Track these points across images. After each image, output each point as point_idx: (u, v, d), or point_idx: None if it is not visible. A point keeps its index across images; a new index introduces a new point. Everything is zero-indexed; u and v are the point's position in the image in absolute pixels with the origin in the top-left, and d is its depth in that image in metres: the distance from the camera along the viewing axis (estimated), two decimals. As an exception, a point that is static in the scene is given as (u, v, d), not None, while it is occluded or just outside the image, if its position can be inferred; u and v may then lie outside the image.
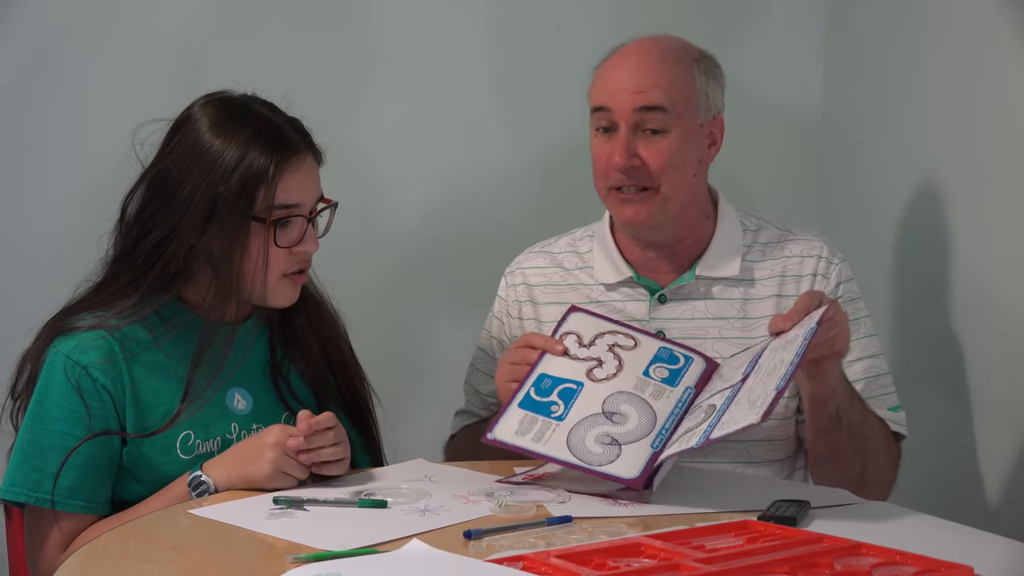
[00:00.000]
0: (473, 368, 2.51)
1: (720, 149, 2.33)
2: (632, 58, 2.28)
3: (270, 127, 2.16)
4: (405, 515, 1.92)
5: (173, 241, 2.13)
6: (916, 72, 2.68)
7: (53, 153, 2.83)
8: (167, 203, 2.14)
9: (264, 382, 2.26)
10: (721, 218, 2.35)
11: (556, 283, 2.41)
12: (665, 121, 2.24)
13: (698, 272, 2.31)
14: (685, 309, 2.31)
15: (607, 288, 2.36)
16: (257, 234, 2.14)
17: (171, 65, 2.83)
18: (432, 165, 3.00)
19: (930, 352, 2.60)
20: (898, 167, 2.75)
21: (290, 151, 2.15)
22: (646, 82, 2.25)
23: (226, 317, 2.20)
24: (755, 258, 2.33)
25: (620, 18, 3.01)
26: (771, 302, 2.30)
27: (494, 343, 2.47)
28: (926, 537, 1.83)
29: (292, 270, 2.18)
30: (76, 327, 2.13)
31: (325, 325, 2.33)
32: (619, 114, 2.24)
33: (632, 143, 2.24)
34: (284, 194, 2.14)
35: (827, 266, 2.31)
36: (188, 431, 2.15)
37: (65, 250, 2.63)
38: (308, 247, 2.18)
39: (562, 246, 2.44)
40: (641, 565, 1.65)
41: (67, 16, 2.82)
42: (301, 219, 2.16)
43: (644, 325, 2.30)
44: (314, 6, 2.93)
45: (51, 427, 2.09)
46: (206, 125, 2.15)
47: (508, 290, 2.45)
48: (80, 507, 2.09)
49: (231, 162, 2.12)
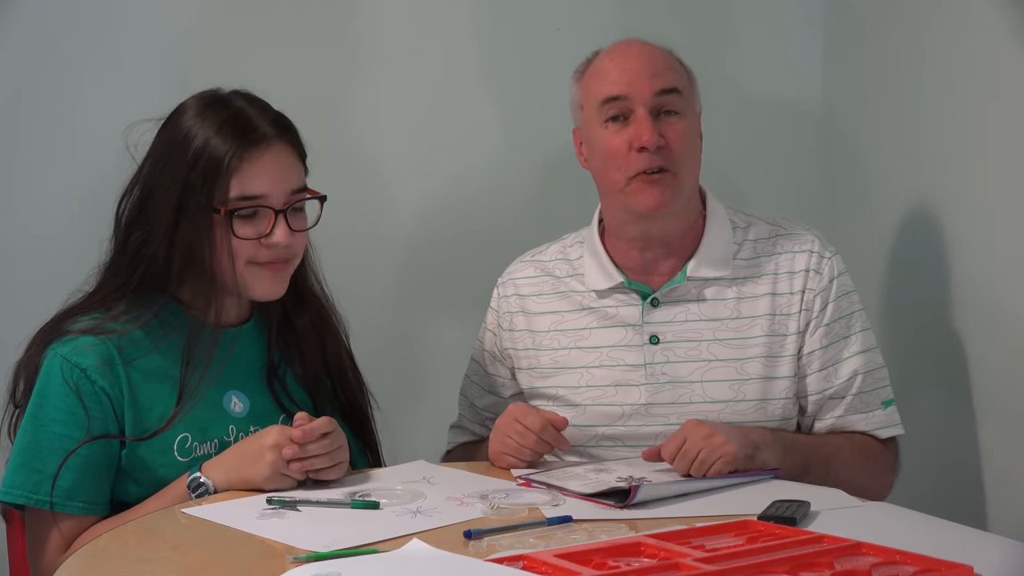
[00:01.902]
0: (468, 380, 2.51)
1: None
2: (636, 48, 2.30)
3: (238, 117, 2.14)
4: (396, 516, 1.92)
5: (152, 239, 2.13)
6: (916, 66, 2.68)
7: (48, 159, 2.82)
8: (147, 201, 2.14)
9: (261, 385, 2.26)
10: (710, 217, 2.35)
11: (547, 292, 2.41)
12: (681, 103, 2.26)
13: (689, 273, 2.31)
14: (678, 312, 2.31)
15: (599, 295, 2.35)
16: (220, 225, 2.12)
17: (166, 69, 2.82)
18: (431, 168, 3.00)
19: (929, 350, 2.60)
20: (898, 162, 2.75)
21: (252, 141, 2.12)
22: (659, 63, 2.27)
23: (225, 318, 2.19)
24: (747, 256, 2.33)
25: (620, 17, 3.00)
26: (766, 300, 2.29)
27: (486, 356, 2.47)
28: (926, 537, 1.83)
29: (263, 259, 2.14)
30: (72, 330, 2.12)
31: (328, 330, 2.32)
32: (639, 99, 2.24)
33: (655, 124, 2.24)
34: (243, 184, 2.11)
35: (819, 261, 2.30)
36: (185, 433, 2.14)
37: (62, 256, 2.62)
38: (277, 239, 2.13)
39: (552, 254, 2.44)
40: (641, 565, 1.65)
41: (60, 22, 2.80)
42: (268, 210, 2.13)
43: (637, 330, 2.31)
44: (311, 8, 2.92)
45: (50, 429, 2.09)
46: (184, 118, 2.15)
47: (500, 301, 2.45)
48: (80, 508, 2.09)
49: (195, 153, 2.11)
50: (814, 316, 2.28)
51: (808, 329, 2.28)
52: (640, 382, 2.29)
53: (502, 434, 2.20)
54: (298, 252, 2.20)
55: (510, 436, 2.19)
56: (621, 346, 2.31)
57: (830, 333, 2.28)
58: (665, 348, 2.29)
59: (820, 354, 2.28)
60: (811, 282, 2.29)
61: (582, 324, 2.35)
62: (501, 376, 2.45)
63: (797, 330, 2.28)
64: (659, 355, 2.29)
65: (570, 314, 2.37)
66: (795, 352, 2.28)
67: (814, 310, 2.28)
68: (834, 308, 2.28)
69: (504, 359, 2.44)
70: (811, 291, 2.28)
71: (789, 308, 2.28)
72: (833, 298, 2.28)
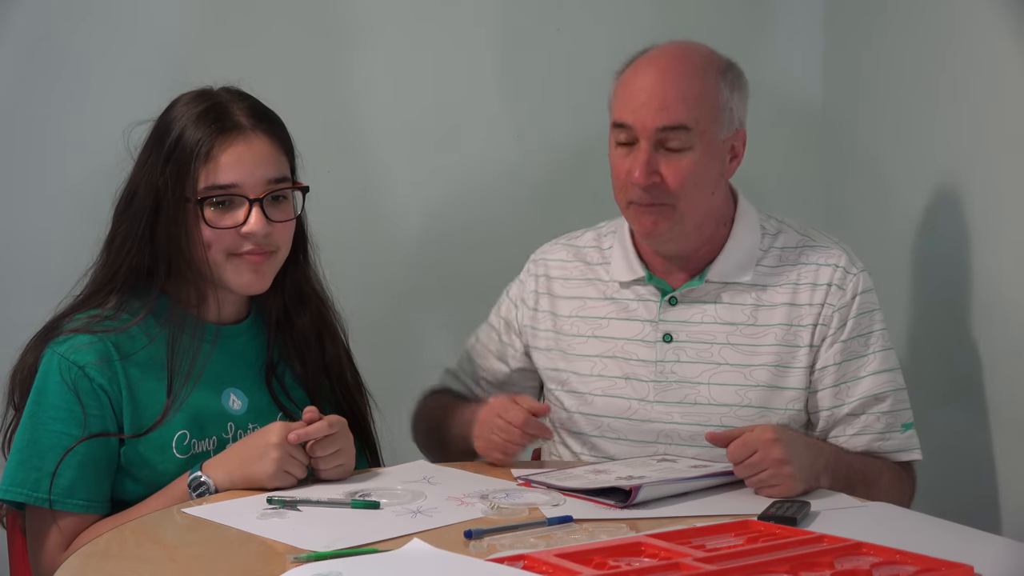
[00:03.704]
0: (476, 339, 2.50)
1: (741, 161, 2.30)
2: (656, 68, 2.22)
3: (215, 108, 2.14)
4: (397, 516, 1.92)
5: (134, 233, 2.13)
6: (917, 66, 2.68)
7: (45, 160, 2.82)
8: (134, 196, 2.15)
9: (259, 383, 2.25)
10: (739, 222, 2.31)
11: (575, 277, 2.40)
12: (688, 139, 2.19)
13: (708, 277, 2.29)
14: (695, 312, 2.30)
15: (621, 286, 2.35)
16: (193, 215, 2.11)
17: (163, 69, 2.81)
18: (431, 165, 3.00)
19: (937, 354, 2.59)
20: (898, 162, 2.75)
21: (223, 129, 2.11)
22: (671, 96, 2.19)
23: (223, 315, 2.20)
24: (771, 263, 2.30)
25: (620, 17, 3.00)
26: (783, 310, 2.27)
27: (502, 323, 2.46)
28: (926, 537, 1.83)
29: (241, 249, 2.13)
30: (68, 329, 2.12)
31: (327, 330, 2.31)
32: (641, 131, 2.19)
33: (653, 160, 2.19)
34: (215, 174, 2.10)
35: (844, 276, 2.26)
36: (184, 430, 2.14)
37: (59, 258, 2.60)
38: (251, 227, 2.12)
39: (587, 240, 2.43)
40: (641, 564, 1.65)
41: (56, 23, 2.80)
42: (244, 200, 2.12)
43: (653, 326, 2.30)
44: (311, 6, 2.92)
45: (49, 427, 2.09)
46: (169, 114, 2.16)
47: (529, 279, 2.44)
48: (79, 506, 2.09)
49: (171, 144, 2.11)
50: (831, 332, 2.24)
51: (823, 344, 2.24)
52: (649, 378, 2.29)
53: (487, 431, 2.20)
54: (280, 244, 2.17)
55: (495, 433, 2.18)
56: (635, 340, 2.31)
57: (846, 350, 2.24)
58: (677, 347, 2.29)
59: (834, 370, 2.24)
60: (832, 297, 2.25)
61: (602, 313, 2.35)
62: (514, 348, 2.44)
63: (809, 343, 2.25)
64: (670, 353, 2.29)
65: (593, 302, 2.36)
66: (807, 365, 2.25)
67: (831, 325, 2.24)
68: (853, 325, 2.25)
69: (520, 333, 2.43)
70: (831, 306, 2.25)
71: (804, 320, 2.25)
72: (854, 315, 2.24)
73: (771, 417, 2.24)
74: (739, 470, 2.05)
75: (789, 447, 2.04)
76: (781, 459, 2.02)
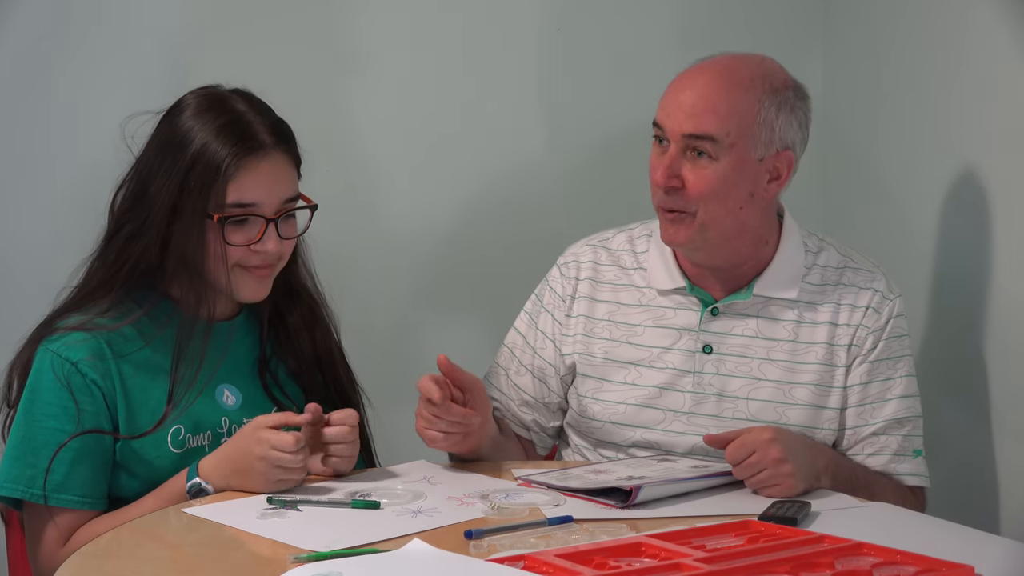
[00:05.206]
0: (510, 354, 2.40)
1: (785, 184, 2.26)
2: (699, 76, 2.21)
3: (238, 123, 2.14)
4: (397, 516, 1.92)
5: (143, 236, 2.13)
6: (917, 66, 2.68)
7: (42, 157, 2.81)
8: (141, 196, 2.15)
9: (252, 378, 2.26)
10: (785, 238, 2.29)
11: (613, 282, 2.35)
12: (715, 150, 2.17)
13: (756, 291, 2.25)
14: (736, 325, 2.26)
15: (659, 294, 2.31)
16: (213, 230, 2.12)
17: (164, 69, 2.81)
18: (430, 165, 2.99)
19: (936, 354, 2.59)
20: (899, 163, 2.75)
21: (250, 148, 2.12)
22: (702, 106, 2.17)
23: (215, 313, 2.19)
24: (815, 281, 2.28)
25: (620, 17, 3.00)
26: (824, 328, 2.25)
27: (535, 335, 2.38)
28: (926, 537, 1.83)
29: (251, 263, 2.15)
30: (62, 327, 2.13)
31: (318, 325, 2.32)
32: (670, 134, 2.19)
33: (677, 163, 2.18)
34: (238, 192, 2.11)
35: (881, 301, 2.25)
36: (179, 425, 2.14)
37: (56, 256, 2.60)
38: (268, 247, 2.14)
39: (619, 243, 2.38)
40: (642, 565, 1.65)
41: (55, 18, 2.80)
42: (260, 218, 2.13)
43: (693, 336, 2.27)
44: (312, 6, 2.92)
45: (43, 424, 2.09)
46: (184, 116, 2.15)
47: (563, 282, 2.38)
48: (74, 502, 2.09)
49: (194, 154, 2.11)
50: (863, 352, 2.24)
51: (854, 363, 2.24)
52: (686, 389, 2.25)
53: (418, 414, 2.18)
54: (285, 257, 2.20)
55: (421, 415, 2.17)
56: (673, 350, 2.27)
57: (873, 371, 2.24)
58: (717, 359, 2.25)
59: (859, 389, 2.24)
60: (868, 319, 2.24)
61: (637, 320, 2.31)
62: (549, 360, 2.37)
63: (845, 363, 2.24)
64: (709, 365, 2.26)
65: (627, 308, 2.32)
66: (843, 385, 2.24)
67: (864, 347, 2.24)
68: (884, 347, 2.24)
69: (555, 339, 2.37)
70: (865, 328, 2.24)
71: (842, 340, 2.24)
72: (885, 337, 2.24)
73: (813, 437, 2.23)
74: (738, 471, 2.05)
75: (787, 446, 2.05)
76: (779, 458, 2.03)
